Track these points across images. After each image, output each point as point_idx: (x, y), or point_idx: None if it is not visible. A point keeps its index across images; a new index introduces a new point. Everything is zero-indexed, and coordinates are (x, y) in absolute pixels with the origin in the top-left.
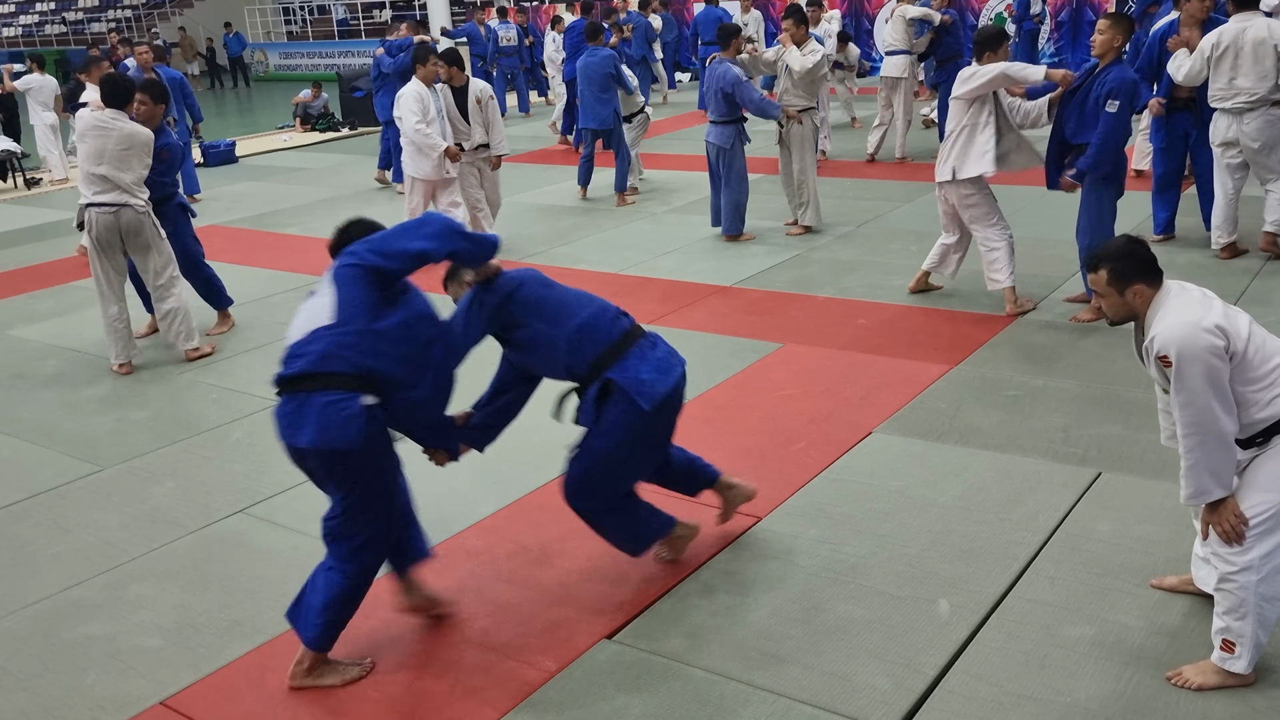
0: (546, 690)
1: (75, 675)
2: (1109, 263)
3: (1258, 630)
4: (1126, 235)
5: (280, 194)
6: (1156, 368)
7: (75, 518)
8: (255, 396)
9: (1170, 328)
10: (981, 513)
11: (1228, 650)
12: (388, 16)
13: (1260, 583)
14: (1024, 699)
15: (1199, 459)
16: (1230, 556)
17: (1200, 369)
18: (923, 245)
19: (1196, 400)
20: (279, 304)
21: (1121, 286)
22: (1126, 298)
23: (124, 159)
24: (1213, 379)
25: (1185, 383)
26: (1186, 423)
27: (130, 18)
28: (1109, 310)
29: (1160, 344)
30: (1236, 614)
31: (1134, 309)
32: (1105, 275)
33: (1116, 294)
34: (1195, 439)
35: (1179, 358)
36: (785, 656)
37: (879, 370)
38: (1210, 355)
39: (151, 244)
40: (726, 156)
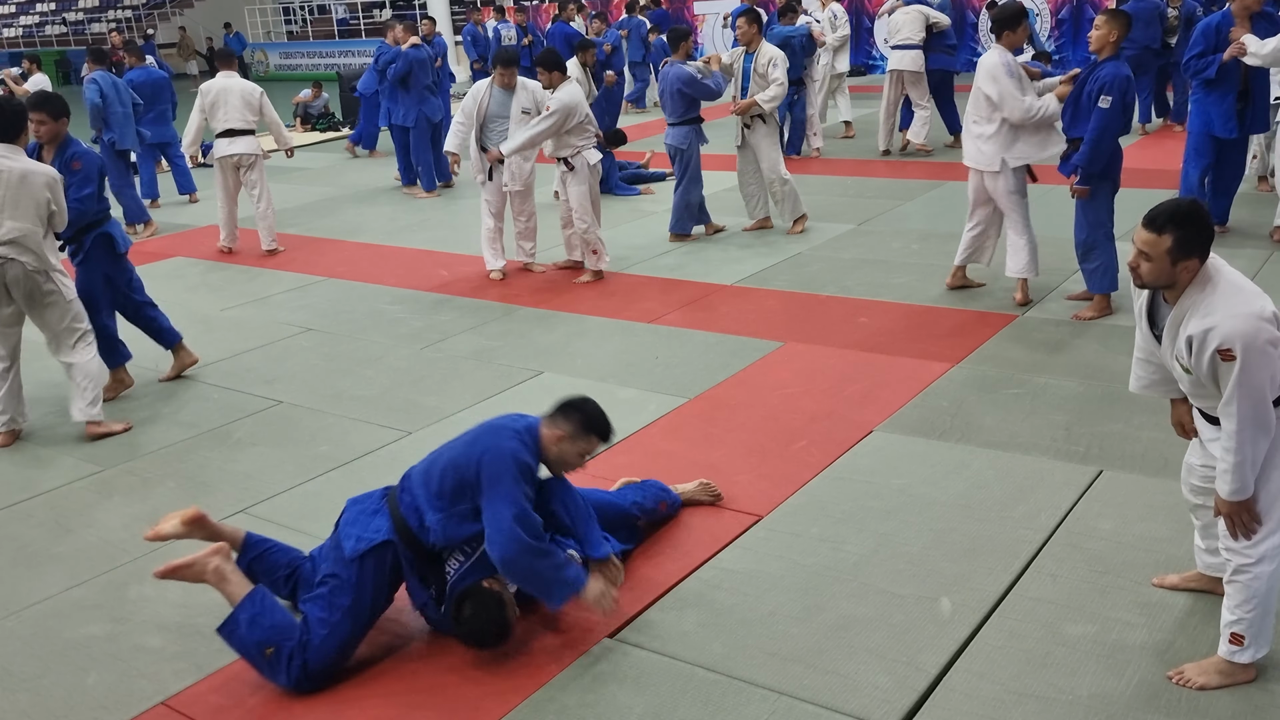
0: (548, 689)
1: (77, 675)
2: (1177, 230)
3: (1266, 620)
4: (1195, 200)
5: (280, 194)
6: (1203, 357)
7: (76, 518)
8: (256, 396)
9: (1234, 320)
10: (983, 511)
11: (1236, 644)
12: (388, 16)
13: (1274, 574)
14: (1026, 697)
15: (1248, 456)
16: (1246, 550)
17: (1265, 363)
18: (925, 244)
19: (1256, 395)
20: (277, 304)
21: (1178, 257)
22: (1177, 269)
23: (18, 203)
24: (1274, 373)
25: (1249, 378)
26: (1243, 418)
27: (130, 18)
28: (1149, 273)
29: (1224, 337)
30: (1248, 606)
31: (1176, 281)
32: (1169, 240)
33: (1169, 262)
34: (1248, 434)
35: (1245, 352)
36: (787, 655)
37: (880, 368)
38: (1273, 349)
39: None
40: (683, 156)
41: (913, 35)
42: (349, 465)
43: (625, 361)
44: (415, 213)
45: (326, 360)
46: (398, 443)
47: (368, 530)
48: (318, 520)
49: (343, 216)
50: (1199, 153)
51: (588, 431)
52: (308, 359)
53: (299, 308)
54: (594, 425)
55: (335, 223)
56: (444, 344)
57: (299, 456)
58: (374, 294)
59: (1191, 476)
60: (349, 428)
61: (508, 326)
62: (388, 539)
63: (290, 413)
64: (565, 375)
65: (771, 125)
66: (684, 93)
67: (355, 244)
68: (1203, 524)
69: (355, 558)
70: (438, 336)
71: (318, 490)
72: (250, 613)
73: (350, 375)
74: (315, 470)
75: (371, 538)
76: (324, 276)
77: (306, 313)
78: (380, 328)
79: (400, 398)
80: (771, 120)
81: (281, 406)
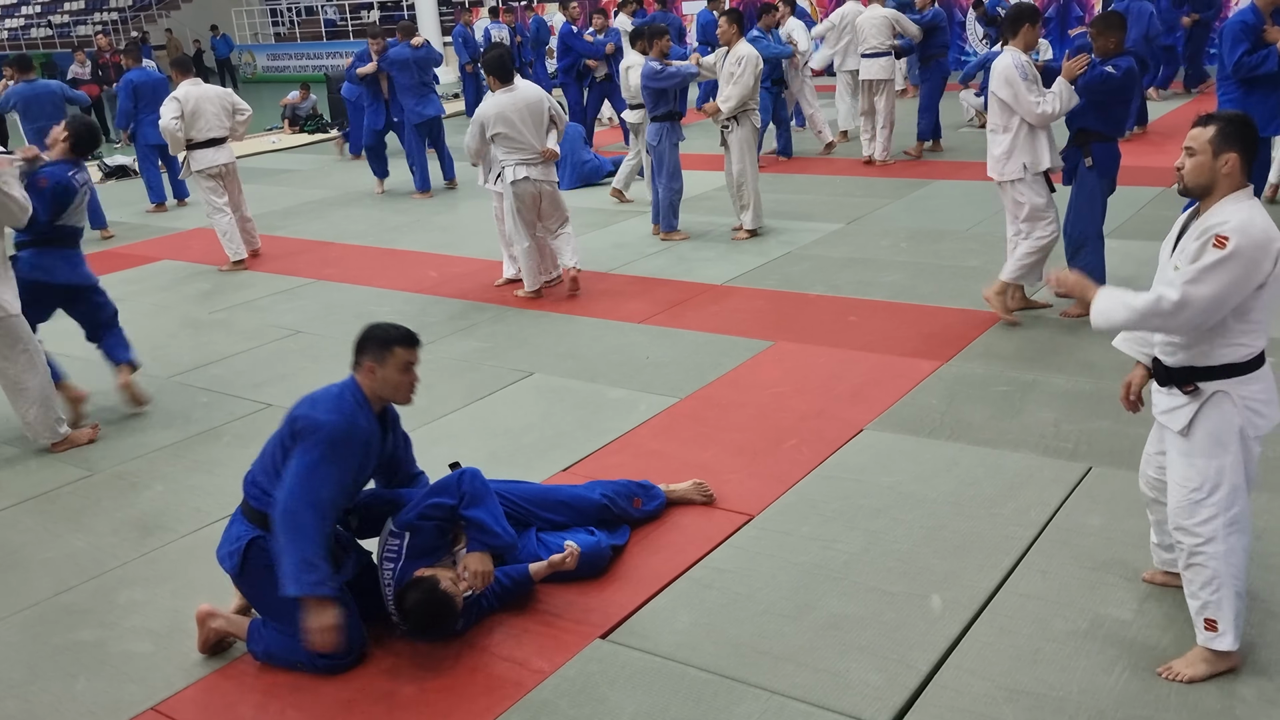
0: (540, 691)
1: (66, 681)
2: (1222, 122)
3: (1235, 601)
4: (1247, 115)
5: (269, 196)
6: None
7: (65, 522)
8: (245, 399)
9: (1250, 220)
10: (973, 508)
11: (1211, 629)
12: (375, 17)
13: (1228, 552)
14: (1017, 694)
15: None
16: (1194, 529)
17: (1236, 276)
18: (913, 242)
19: (1203, 288)
20: (265, 307)
21: (1221, 149)
22: (1218, 164)
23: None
24: (1233, 293)
25: (1217, 272)
26: (1181, 297)
27: (117, 20)
28: (1190, 171)
29: (1232, 227)
30: (1211, 588)
31: (1214, 180)
32: (1214, 131)
33: (1211, 155)
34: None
35: (1236, 251)
36: (779, 653)
37: (870, 367)
38: (1255, 268)
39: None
40: (656, 153)
41: (880, 42)
42: None
43: (615, 362)
44: (404, 214)
45: (315, 363)
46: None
47: (231, 542)
48: None
49: (331, 219)
50: None
51: (386, 346)
52: (297, 362)
53: (287, 310)
54: (386, 337)
55: (324, 225)
56: (433, 346)
57: None
58: (363, 296)
59: (1149, 467)
60: None
61: (497, 328)
62: (252, 536)
63: (279, 416)
64: (555, 376)
65: (746, 127)
66: (650, 88)
67: (344, 246)
68: (1156, 519)
69: (235, 573)
70: (427, 338)
71: None
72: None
73: (338, 377)
74: None
75: (235, 545)
76: (313, 279)
77: (295, 315)
78: None
79: None
80: (746, 121)
81: (271, 410)
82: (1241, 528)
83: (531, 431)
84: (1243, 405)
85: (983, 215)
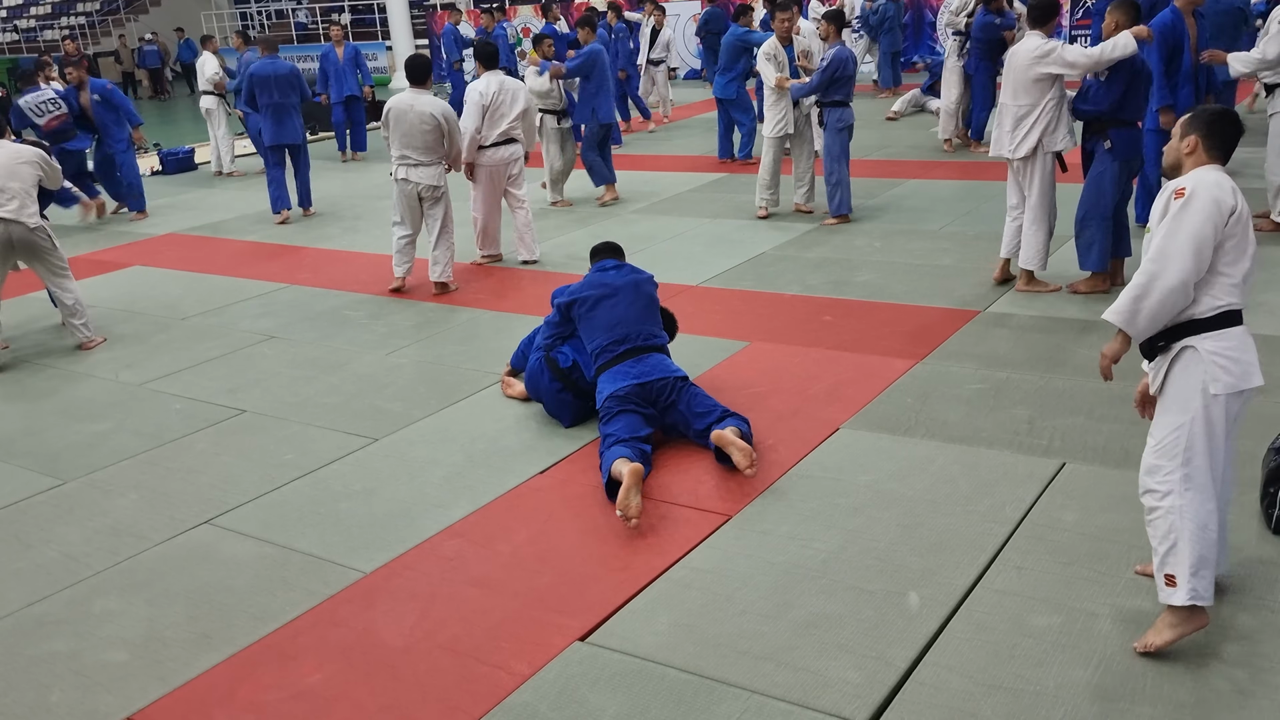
0: (520, 694)
1: (40, 693)
2: (1196, 110)
3: (1192, 556)
4: (1227, 109)
5: (239, 200)
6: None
7: (36, 533)
8: (218, 405)
9: (1202, 173)
10: (949, 505)
11: (1171, 584)
12: (347, 20)
13: (1184, 507)
14: (994, 689)
15: (1145, 289)
16: (1153, 485)
17: (1203, 213)
18: (886, 241)
19: (1180, 233)
20: (238, 313)
21: (1185, 132)
22: (1181, 145)
23: None
24: (1205, 231)
25: (1183, 215)
26: (1160, 250)
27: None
28: (1167, 155)
29: (1185, 181)
30: (1167, 540)
31: (1180, 160)
32: (1186, 117)
33: (1178, 137)
34: (1157, 265)
35: (1193, 193)
36: (758, 653)
37: (845, 366)
38: (1217, 208)
39: None
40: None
41: None
42: (314, 474)
43: None
44: (375, 216)
45: (290, 367)
46: (364, 450)
47: None
48: (284, 529)
49: (302, 223)
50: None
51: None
52: (271, 366)
53: (261, 315)
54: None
55: (295, 229)
56: (408, 349)
57: (263, 465)
58: (337, 300)
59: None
60: (313, 435)
61: (473, 330)
62: None
63: (254, 421)
64: None
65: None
66: None
67: (316, 250)
68: None
69: None
70: (402, 342)
71: (283, 499)
72: None
73: (314, 382)
74: (280, 479)
75: None
76: (286, 283)
77: (269, 320)
78: (343, 334)
79: (365, 404)
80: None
81: (245, 415)
82: (1198, 484)
83: (508, 435)
84: (1210, 361)
85: (954, 215)
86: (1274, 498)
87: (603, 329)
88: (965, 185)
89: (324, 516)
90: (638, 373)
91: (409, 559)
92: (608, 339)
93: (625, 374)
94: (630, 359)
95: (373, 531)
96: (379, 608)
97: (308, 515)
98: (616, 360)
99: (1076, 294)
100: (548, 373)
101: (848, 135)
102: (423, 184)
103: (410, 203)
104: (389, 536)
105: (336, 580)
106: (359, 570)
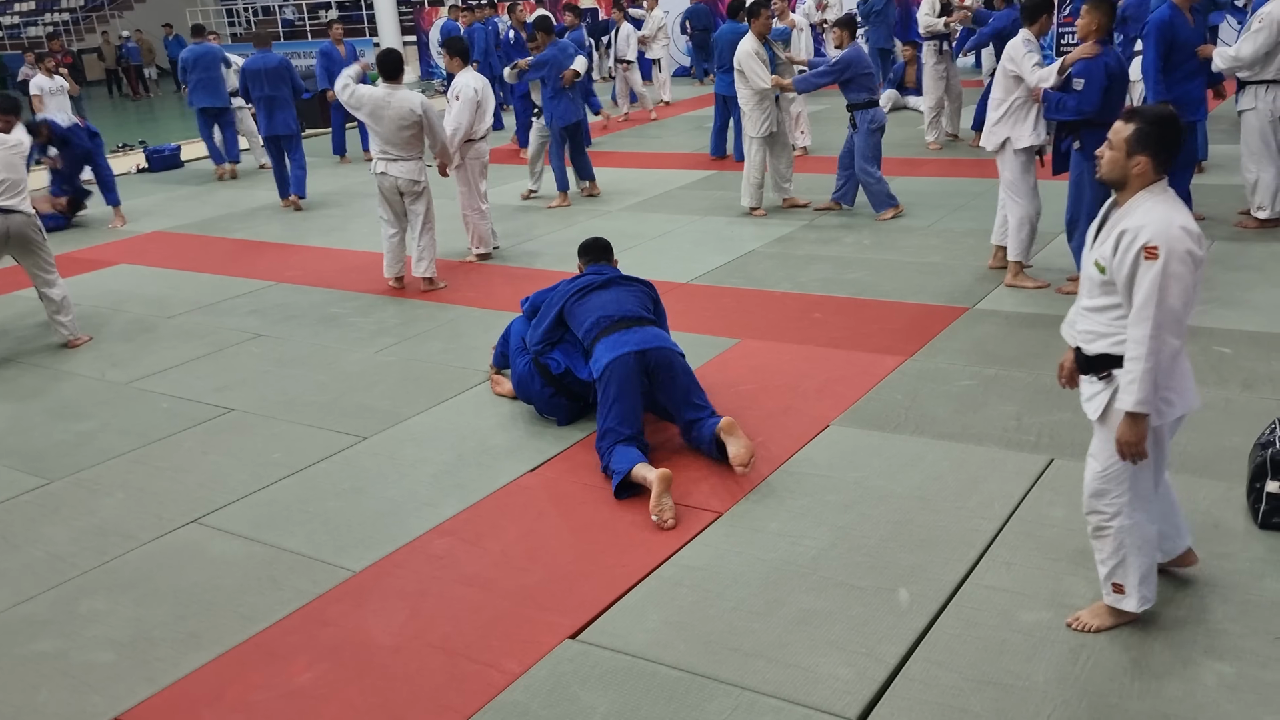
0: (510, 692)
1: (27, 693)
2: (1144, 123)
3: (1140, 568)
4: (1175, 112)
5: (227, 198)
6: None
7: (22, 533)
8: (206, 404)
9: (1167, 226)
10: (938, 502)
11: (1119, 592)
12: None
13: (1133, 526)
14: (984, 684)
15: (1156, 364)
16: (1101, 507)
17: (1184, 272)
18: (876, 238)
19: (1170, 302)
20: (227, 310)
21: (1134, 150)
22: (1129, 164)
23: None
24: (1190, 293)
25: (1166, 282)
26: (1155, 323)
27: (69, 21)
28: (1107, 163)
29: (1153, 235)
30: (1116, 556)
31: (1127, 178)
32: (1131, 130)
33: (1125, 151)
34: (1155, 342)
35: (1168, 255)
36: (749, 650)
37: (835, 363)
38: (1190, 260)
39: None
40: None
41: None
42: (303, 472)
43: None
44: (363, 214)
45: (278, 366)
46: (353, 448)
47: None
48: (272, 528)
49: (290, 220)
50: None
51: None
52: (258, 365)
53: (249, 313)
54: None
55: (282, 226)
56: (396, 347)
57: (251, 464)
58: (325, 298)
59: None
60: (302, 434)
61: (462, 328)
62: None
63: (242, 420)
64: None
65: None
66: None
67: (305, 247)
68: None
69: None
70: (390, 340)
71: (271, 498)
72: None
73: (302, 381)
74: (268, 478)
75: None
76: (273, 281)
77: (257, 318)
78: (332, 331)
79: (354, 402)
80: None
81: (233, 414)
82: (1143, 504)
83: (499, 433)
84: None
85: (944, 211)
86: (1260, 492)
87: (595, 309)
88: (955, 182)
89: (313, 515)
90: (637, 340)
91: (399, 557)
92: (600, 314)
93: (624, 342)
94: (626, 328)
95: (362, 530)
96: (369, 607)
97: (296, 514)
98: (613, 328)
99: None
100: (539, 379)
101: (880, 135)
102: (402, 178)
103: (390, 197)
104: (378, 535)
105: (326, 579)
106: (348, 569)
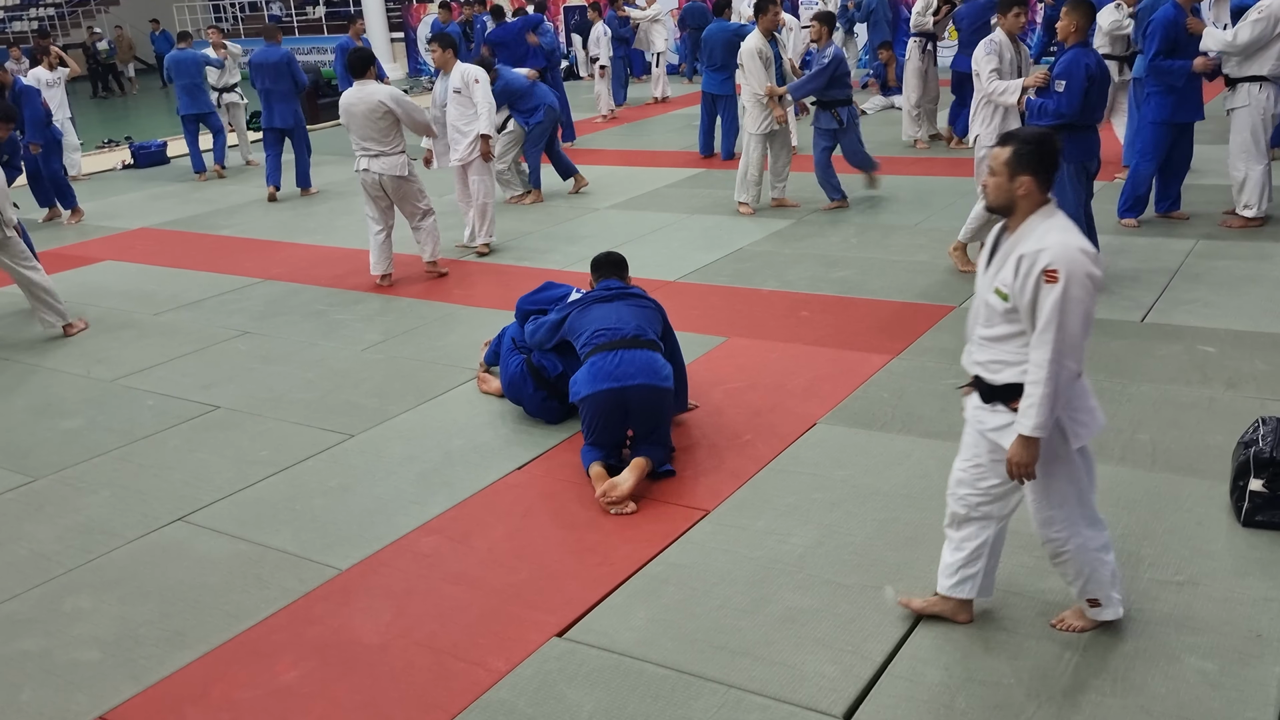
0: (497, 690)
1: (10, 692)
2: (1020, 144)
3: (1106, 578)
4: (1047, 130)
5: (215, 194)
6: (1029, 280)
7: (6, 530)
8: (192, 402)
9: (1065, 249)
10: (924, 500)
11: (1095, 606)
12: (321, 13)
13: (1085, 542)
14: (969, 682)
15: (1055, 389)
16: (1054, 534)
17: (1083, 295)
18: (862, 237)
19: (1070, 326)
20: (214, 307)
21: (1015, 172)
22: (1013, 186)
23: None
24: (1089, 314)
25: (1067, 306)
26: (1055, 348)
27: (54, 16)
28: (992, 190)
29: (1053, 259)
30: (1082, 575)
31: (1013, 201)
32: (1009, 153)
33: (1007, 177)
34: (1055, 366)
35: (1069, 278)
36: (735, 648)
37: (822, 362)
38: (1090, 283)
39: None
40: None
41: None
42: (289, 470)
43: None
44: (350, 211)
45: (264, 363)
46: (340, 445)
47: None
48: (259, 527)
49: (277, 216)
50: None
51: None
52: (245, 362)
53: (235, 311)
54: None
55: (270, 223)
56: (384, 344)
57: (237, 462)
58: (312, 295)
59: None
60: (289, 432)
61: (449, 325)
62: None
63: (228, 418)
64: None
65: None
66: None
67: (292, 244)
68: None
69: None
70: (378, 337)
71: (258, 496)
72: None
73: (289, 378)
74: (255, 476)
75: None
76: (260, 278)
77: (243, 316)
78: (319, 329)
79: (341, 400)
80: None
81: (219, 412)
82: (1089, 519)
83: (487, 430)
84: (1069, 420)
85: (931, 211)
86: (1244, 491)
87: (594, 322)
88: (942, 181)
89: (299, 513)
90: (620, 374)
91: (385, 556)
92: (599, 327)
93: (606, 373)
94: (620, 348)
95: (348, 528)
96: (355, 605)
97: (283, 512)
98: (607, 346)
99: None
100: (532, 381)
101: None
102: (385, 174)
103: (374, 193)
104: (365, 533)
105: (312, 577)
106: (335, 567)
